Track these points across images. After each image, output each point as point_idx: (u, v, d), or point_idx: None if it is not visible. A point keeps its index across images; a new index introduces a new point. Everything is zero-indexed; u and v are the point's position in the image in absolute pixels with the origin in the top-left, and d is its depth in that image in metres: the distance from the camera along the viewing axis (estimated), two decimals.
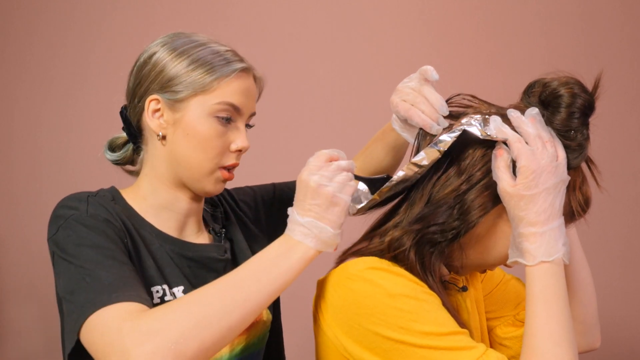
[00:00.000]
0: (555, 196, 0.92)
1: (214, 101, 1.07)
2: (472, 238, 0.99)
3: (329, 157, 1.00)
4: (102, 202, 1.06)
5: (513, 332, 1.20)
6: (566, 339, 0.88)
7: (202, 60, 1.08)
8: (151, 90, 1.09)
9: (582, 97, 0.96)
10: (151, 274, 1.05)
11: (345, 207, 0.98)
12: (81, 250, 0.96)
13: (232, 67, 1.08)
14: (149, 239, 1.08)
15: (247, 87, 1.10)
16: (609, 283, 2.03)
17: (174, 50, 1.09)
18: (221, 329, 0.89)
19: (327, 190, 0.96)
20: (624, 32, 2.12)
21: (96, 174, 2.04)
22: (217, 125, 1.07)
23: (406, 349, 0.89)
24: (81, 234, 0.98)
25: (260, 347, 1.17)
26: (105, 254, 0.96)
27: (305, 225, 0.96)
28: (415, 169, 0.99)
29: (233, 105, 1.08)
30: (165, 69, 1.08)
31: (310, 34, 2.08)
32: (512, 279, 1.25)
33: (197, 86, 1.06)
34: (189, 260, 1.11)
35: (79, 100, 2.00)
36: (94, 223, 1.00)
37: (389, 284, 0.92)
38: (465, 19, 2.10)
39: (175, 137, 1.08)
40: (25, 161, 2.02)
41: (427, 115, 1.02)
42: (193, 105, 1.07)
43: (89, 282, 0.92)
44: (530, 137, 0.94)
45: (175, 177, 1.10)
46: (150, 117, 1.09)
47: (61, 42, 2.02)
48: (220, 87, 1.07)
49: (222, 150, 1.08)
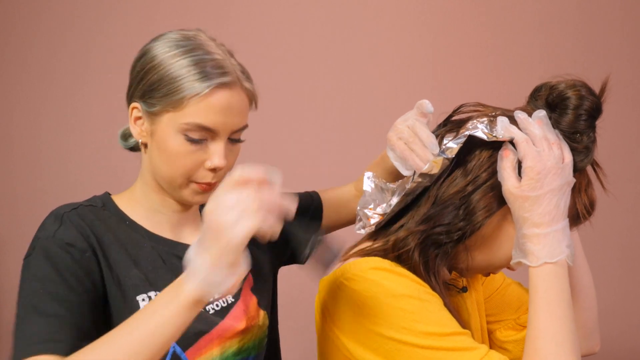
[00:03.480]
0: (560, 198, 0.93)
1: (182, 120, 1.01)
2: (478, 239, 0.99)
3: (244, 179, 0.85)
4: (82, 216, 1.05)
5: (514, 335, 1.20)
6: (569, 340, 0.88)
7: (174, 73, 1.01)
8: (135, 95, 1.06)
9: (590, 99, 0.96)
10: (135, 283, 1.03)
11: None
12: (28, 286, 0.97)
13: (206, 84, 1.00)
14: (137, 243, 1.07)
15: (226, 104, 1.02)
16: (609, 283, 2.03)
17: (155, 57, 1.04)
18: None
19: None
20: (624, 32, 2.12)
21: (96, 173, 2.05)
22: (186, 143, 1.02)
23: (409, 349, 0.89)
24: (39, 264, 0.98)
25: (258, 352, 1.15)
26: (50, 289, 0.96)
27: None
28: (425, 180, 0.99)
29: (202, 126, 1.01)
30: (145, 77, 1.04)
31: (310, 34, 2.08)
32: (513, 283, 1.25)
33: (167, 102, 1.02)
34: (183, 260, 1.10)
35: (79, 100, 2.00)
36: (54, 250, 0.99)
37: (392, 285, 0.92)
38: (465, 19, 2.10)
39: (152, 148, 1.06)
40: (25, 161, 2.02)
41: (419, 157, 1.02)
42: (165, 120, 1.03)
43: (20, 326, 0.95)
44: (536, 139, 0.94)
45: (159, 185, 1.09)
46: (133, 124, 1.07)
47: (61, 42, 2.02)
48: (189, 105, 1.00)
49: (193, 167, 1.04)
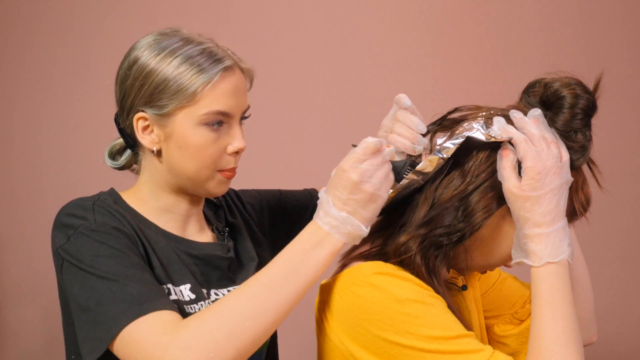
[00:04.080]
0: (560, 197, 0.93)
1: (200, 112, 1.03)
2: (477, 240, 0.99)
3: (375, 149, 0.95)
4: (107, 208, 1.05)
5: (511, 329, 1.20)
6: (573, 340, 0.89)
7: (179, 68, 1.02)
8: (137, 105, 1.06)
9: (585, 98, 0.96)
10: (157, 273, 1.04)
11: (382, 203, 0.96)
12: (100, 261, 0.96)
13: (213, 71, 1.03)
14: (154, 238, 1.07)
15: (234, 87, 1.05)
16: (609, 283, 2.03)
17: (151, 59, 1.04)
18: (255, 334, 0.91)
19: (368, 187, 0.94)
20: (624, 31, 2.12)
21: (96, 174, 2.04)
22: (209, 132, 1.04)
23: (414, 353, 0.89)
24: (96, 245, 0.98)
25: (261, 350, 1.17)
26: (124, 263, 0.96)
27: (339, 220, 0.94)
28: (419, 177, 0.99)
29: (221, 112, 1.04)
30: (146, 81, 1.04)
31: (310, 34, 2.08)
32: (509, 277, 1.26)
33: (180, 98, 1.02)
34: (195, 258, 1.10)
35: (79, 101, 2.00)
36: (106, 233, 0.99)
37: (396, 289, 0.91)
38: (465, 19, 2.10)
39: (169, 150, 1.06)
40: (25, 161, 2.01)
41: (405, 138, 1.03)
42: (180, 117, 1.03)
43: (115, 293, 0.93)
44: (534, 138, 0.94)
45: (176, 185, 1.09)
46: (142, 135, 1.07)
47: (61, 42, 2.01)
48: (204, 95, 1.02)
49: (218, 155, 1.06)
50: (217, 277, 1.12)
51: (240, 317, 0.90)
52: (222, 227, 1.20)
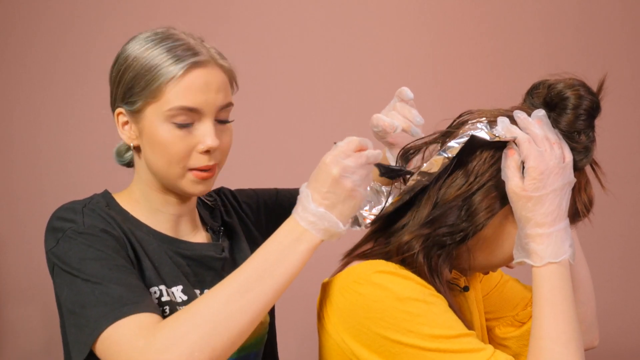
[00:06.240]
0: (562, 198, 0.93)
1: (164, 108, 1.02)
2: (480, 240, 0.99)
3: (359, 146, 0.95)
4: (97, 210, 1.05)
5: (512, 332, 1.20)
6: (574, 340, 0.89)
7: (148, 65, 1.02)
8: (117, 100, 1.07)
9: (589, 99, 0.96)
10: (149, 275, 1.04)
11: (361, 201, 0.95)
12: (86, 264, 0.96)
13: (179, 66, 1.01)
14: (146, 239, 1.07)
15: (203, 82, 1.03)
16: (609, 283, 2.03)
17: (127, 57, 1.05)
18: (231, 335, 0.89)
19: (348, 183, 0.93)
20: (624, 32, 2.12)
21: (96, 174, 2.04)
22: (175, 129, 1.03)
23: (415, 352, 0.89)
24: (82, 247, 0.98)
25: (258, 349, 1.17)
26: (109, 265, 0.96)
27: (317, 216, 0.93)
28: (424, 178, 0.99)
29: (185, 107, 1.02)
30: (122, 78, 1.05)
31: (310, 34, 2.08)
32: (510, 279, 1.26)
33: (147, 94, 1.02)
34: (187, 259, 1.10)
35: (79, 101, 2.00)
36: (93, 235, 0.99)
37: (397, 288, 0.92)
38: (465, 19, 2.10)
39: (144, 146, 1.07)
40: (25, 161, 2.01)
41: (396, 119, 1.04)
42: (149, 113, 1.03)
43: (98, 296, 0.93)
44: (538, 139, 0.94)
45: (159, 183, 1.09)
46: (121, 130, 1.08)
47: (61, 42, 2.01)
48: (167, 90, 1.01)
49: (186, 152, 1.04)
50: (211, 278, 1.11)
51: (216, 318, 0.89)
52: (217, 227, 1.20)
